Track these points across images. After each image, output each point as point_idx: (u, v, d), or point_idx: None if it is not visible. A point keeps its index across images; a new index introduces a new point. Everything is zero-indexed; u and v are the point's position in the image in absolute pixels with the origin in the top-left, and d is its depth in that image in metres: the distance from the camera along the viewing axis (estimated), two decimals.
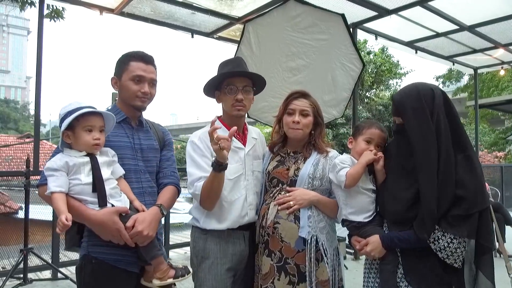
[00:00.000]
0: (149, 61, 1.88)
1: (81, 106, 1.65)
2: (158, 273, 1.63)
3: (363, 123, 2.01)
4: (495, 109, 14.37)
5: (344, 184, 1.83)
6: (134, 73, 1.83)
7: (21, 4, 5.12)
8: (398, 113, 1.76)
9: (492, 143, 19.62)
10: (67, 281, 3.98)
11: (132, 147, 1.86)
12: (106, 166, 1.67)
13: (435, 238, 1.62)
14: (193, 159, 1.97)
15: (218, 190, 1.88)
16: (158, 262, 1.64)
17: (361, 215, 1.84)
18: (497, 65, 7.86)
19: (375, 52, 17.05)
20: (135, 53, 1.89)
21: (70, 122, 1.60)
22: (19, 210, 8.88)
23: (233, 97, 2.00)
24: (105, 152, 1.71)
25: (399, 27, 5.61)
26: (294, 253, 1.89)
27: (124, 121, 1.88)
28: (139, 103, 1.86)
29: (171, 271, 1.66)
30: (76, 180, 1.60)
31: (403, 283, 1.70)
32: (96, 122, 1.65)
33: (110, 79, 1.92)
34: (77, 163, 1.60)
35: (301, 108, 2.01)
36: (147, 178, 1.88)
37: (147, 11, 4.92)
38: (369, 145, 1.91)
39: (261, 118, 4.27)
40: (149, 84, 1.87)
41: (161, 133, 2.05)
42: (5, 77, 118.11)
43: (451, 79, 21.84)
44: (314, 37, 4.13)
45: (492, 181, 9.41)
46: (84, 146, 1.63)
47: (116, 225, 1.59)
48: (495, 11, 5.19)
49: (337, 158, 1.96)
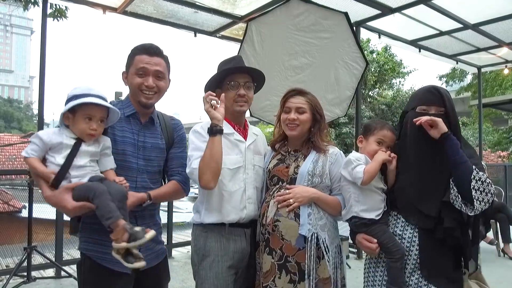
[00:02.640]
0: (154, 52, 1.84)
1: (89, 93, 1.64)
2: (113, 235, 1.52)
3: (374, 123, 2.01)
4: (498, 109, 14.29)
5: (362, 181, 1.83)
6: (137, 66, 1.81)
7: (25, 3, 5.12)
8: (443, 102, 1.81)
9: (495, 143, 19.53)
10: (70, 279, 4.00)
11: (135, 144, 1.84)
12: (88, 155, 1.66)
13: (480, 176, 1.68)
14: (193, 143, 1.96)
15: (217, 157, 1.84)
16: (114, 225, 1.51)
17: (373, 213, 1.86)
18: (501, 64, 7.82)
19: (378, 51, 17.02)
20: (141, 45, 1.86)
21: (73, 106, 1.61)
22: (22, 209, 8.92)
23: (235, 93, 2.02)
24: (98, 142, 1.70)
25: (403, 25, 5.58)
26: (294, 251, 1.88)
27: (133, 116, 1.87)
28: (143, 100, 1.83)
29: (125, 235, 1.49)
30: (51, 158, 1.62)
31: (414, 277, 1.75)
32: (98, 112, 1.65)
33: (122, 73, 1.91)
34: (60, 143, 1.62)
35: (296, 106, 2.01)
36: (144, 178, 1.85)
37: (150, 10, 4.92)
38: (380, 146, 1.92)
39: (264, 117, 4.27)
40: (154, 76, 1.83)
41: (171, 131, 2.01)
42: (9, 77, 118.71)
43: (455, 78, 21.77)
44: (317, 35, 4.13)
45: (496, 180, 9.36)
46: (78, 132, 1.65)
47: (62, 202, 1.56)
48: (499, 10, 5.16)
49: (351, 155, 1.95)
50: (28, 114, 66.37)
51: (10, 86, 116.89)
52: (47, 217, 5.15)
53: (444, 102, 1.80)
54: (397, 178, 1.88)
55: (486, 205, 1.66)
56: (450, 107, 1.80)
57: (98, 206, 1.52)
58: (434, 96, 1.81)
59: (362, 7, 4.91)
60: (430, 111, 1.80)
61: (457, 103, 2.05)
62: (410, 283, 1.75)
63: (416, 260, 1.77)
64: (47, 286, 4.01)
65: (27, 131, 36.76)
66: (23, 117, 62.08)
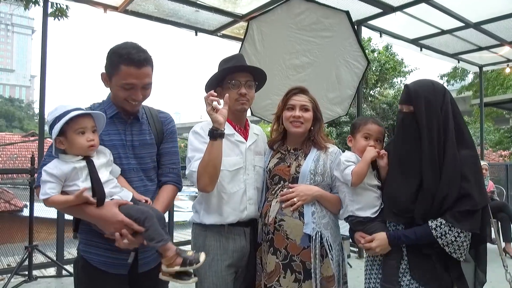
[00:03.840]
0: (142, 63, 1.66)
1: (68, 109, 1.57)
2: (164, 259, 1.59)
3: (358, 121, 2.04)
4: (500, 108, 14.24)
5: (351, 183, 1.84)
6: (125, 80, 1.65)
7: (26, 3, 5.12)
8: (410, 100, 1.75)
9: (497, 142, 19.50)
10: (71, 278, 3.99)
11: (124, 145, 1.77)
12: (104, 167, 1.63)
13: (442, 233, 1.65)
14: (193, 145, 1.96)
15: (216, 162, 1.83)
16: (164, 248, 1.58)
17: (368, 211, 1.86)
18: (502, 63, 7.82)
19: (379, 50, 16.99)
20: (127, 53, 1.64)
21: (61, 128, 1.54)
22: (24, 208, 8.94)
23: (237, 92, 2.01)
24: (102, 152, 1.67)
25: (404, 24, 5.58)
26: (299, 250, 1.88)
27: (116, 116, 1.78)
28: (128, 108, 1.76)
29: (178, 259, 1.59)
30: (74, 186, 1.56)
31: (406, 278, 1.74)
32: (87, 123, 1.59)
33: (100, 74, 1.75)
34: (74, 168, 1.56)
35: (301, 103, 2.02)
36: (140, 176, 1.80)
37: (151, 9, 4.92)
38: (368, 141, 1.92)
39: (265, 116, 4.26)
40: (142, 89, 1.71)
41: (159, 125, 1.91)
42: (10, 76, 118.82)
43: (456, 78, 21.72)
44: (318, 34, 4.11)
45: (497, 180, 9.33)
46: (79, 150, 1.58)
47: (117, 216, 1.55)
48: (501, 8, 5.15)
49: (342, 155, 1.96)
50: (29, 113, 66.49)
51: (11, 85, 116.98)
52: (48, 216, 5.17)
53: (411, 100, 1.74)
54: (388, 170, 1.87)
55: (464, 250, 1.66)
56: (419, 104, 1.70)
57: (148, 229, 1.56)
58: (404, 94, 1.79)
59: (363, 6, 4.91)
60: (403, 110, 1.79)
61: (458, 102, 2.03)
62: (402, 284, 1.74)
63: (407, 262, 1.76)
64: (48, 285, 4.02)
65: (28, 130, 36.82)
66: (24, 116, 62.18)
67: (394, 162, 1.83)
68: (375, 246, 1.77)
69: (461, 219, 1.63)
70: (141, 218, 1.56)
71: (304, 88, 2.09)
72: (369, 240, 1.80)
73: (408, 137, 1.77)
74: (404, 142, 1.79)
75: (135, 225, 1.55)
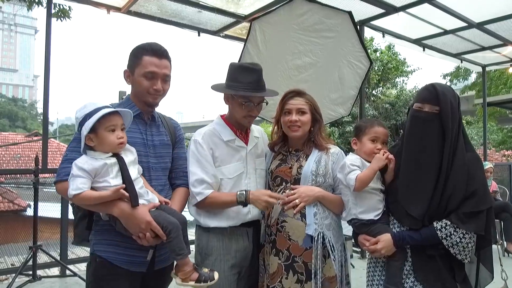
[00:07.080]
0: (162, 55, 1.81)
1: (98, 107, 1.60)
2: (181, 273, 1.63)
3: (363, 123, 2.02)
4: (503, 107, 14.19)
5: (354, 188, 1.83)
6: (147, 69, 1.77)
7: (29, 3, 5.15)
8: (437, 101, 1.74)
9: (500, 142, 19.43)
10: (75, 278, 4.02)
11: (145, 144, 1.83)
12: (132, 165, 1.65)
13: (447, 234, 1.66)
14: (196, 159, 1.96)
15: (224, 208, 1.96)
16: (182, 262, 1.63)
17: (371, 213, 1.85)
18: (505, 62, 7.78)
19: (382, 50, 16.95)
20: (149, 46, 1.80)
21: (93, 124, 1.55)
22: (27, 208, 8.98)
23: (247, 110, 1.99)
24: (129, 150, 1.69)
25: (407, 24, 5.56)
26: (302, 251, 1.89)
27: (137, 116, 1.83)
28: (150, 100, 1.83)
29: (194, 274, 1.64)
30: (105, 183, 1.56)
31: (409, 280, 1.74)
32: (117, 120, 1.62)
33: (123, 71, 1.86)
34: (104, 164, 1.57)
35: (297, 107, 2.01)
36: (159, 175, 1.86)
37: (154, 9, 4.94)
38: (375, 144, 1.91)
39: (267, 116, 4.25)
40: (162, 80, 1.81)
41: (173, 128, 2.01)
42: (13, 76, 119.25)
43: (459, 77, 21.65)
44: (321, 35, 4.11)
45: (500, 180, 9.30)
46: (109, 147, 1.60)
47: (146, 216, 1.58)
48: (504, 8, 5.13)
49: (347, 158, 1.95)
50: (32, 113, 66.67)
51: (14, 85, 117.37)
52: (52, 216, 5.19)
53: (439, 101, 1.73)
54: (394, 178, 1.87)
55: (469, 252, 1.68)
56: (446, 107, 1.72)
57: (173, 240, 1.59)
58: (430, 93, 1.77)
59: (366, 6, 4.90)
60: (424, 109, 1.77)
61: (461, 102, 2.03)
62: (406, 285, 1.74)
63: (411, 264, 1.76)
64: (52, 285, 4.04)
65: (32, 130, 36.92)
66: (27, 116, 62.35)
67: (409, 163, 1.81)
68: (381, 247, 1.76)
69: (466, 220, 1.64)
70: (168, 228, 1.59)
71: (300, 91, 2.07)
72: (374, 243, 1.80)
73: (428, 136, 1.76)
74: (422, 139, 1.77)
75: (160, 231, 1.59)
